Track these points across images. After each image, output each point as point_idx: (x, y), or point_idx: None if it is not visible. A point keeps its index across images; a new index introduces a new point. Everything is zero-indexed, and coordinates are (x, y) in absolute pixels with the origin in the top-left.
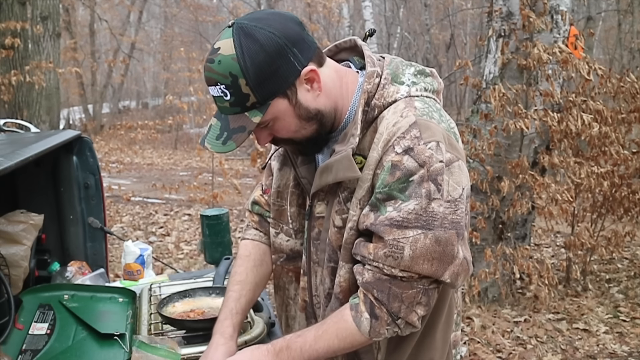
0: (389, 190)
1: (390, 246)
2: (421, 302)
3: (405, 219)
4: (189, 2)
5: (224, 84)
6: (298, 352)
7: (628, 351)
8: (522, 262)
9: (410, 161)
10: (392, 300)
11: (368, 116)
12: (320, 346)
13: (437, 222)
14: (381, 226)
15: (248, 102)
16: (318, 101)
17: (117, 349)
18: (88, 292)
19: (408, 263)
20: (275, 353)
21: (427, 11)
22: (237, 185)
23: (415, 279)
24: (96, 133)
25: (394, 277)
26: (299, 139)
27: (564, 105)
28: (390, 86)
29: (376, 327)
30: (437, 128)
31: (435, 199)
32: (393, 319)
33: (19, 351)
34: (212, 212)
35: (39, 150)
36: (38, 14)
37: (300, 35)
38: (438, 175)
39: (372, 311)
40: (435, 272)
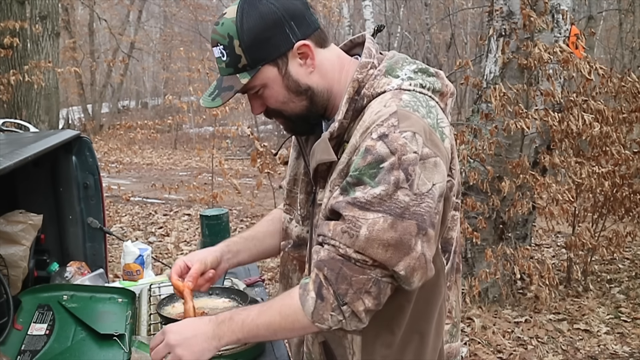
0: (359, 175)
1: (348, 222)
2: (370, 292)
3: (369, 201)
4: (188, 1)
5: (223, 44)
6: (239, 324)
7: (629, 352)
8: (523, 262)
9: (383, 147)
10: (340, 280)
11: (357, 105)
12: (262, 321)
13: (399, 210)
14: (344, 203)
15: (240, 64)
16: (311, 78)
17: (116, 350)
18: (87, 293)
19: (363, 244)
20: (217, 323)
21: (428, 10)
22: (237, 185)
23: (368, 265)
24: (95, 133)
25: (348, 259)
26: (289, 113)
27: (565, 105)
28: (382, 78)
29: (320, 309)
30: (419, 120)
31: (403, 187)
32: (339, 303)
33: (18, 352)
34: (212, 212)
35: (38, 150)
36: (37, 13)
37: (301, 12)
38: (409, 166)
39: (319, 291)
40: (389, 259)
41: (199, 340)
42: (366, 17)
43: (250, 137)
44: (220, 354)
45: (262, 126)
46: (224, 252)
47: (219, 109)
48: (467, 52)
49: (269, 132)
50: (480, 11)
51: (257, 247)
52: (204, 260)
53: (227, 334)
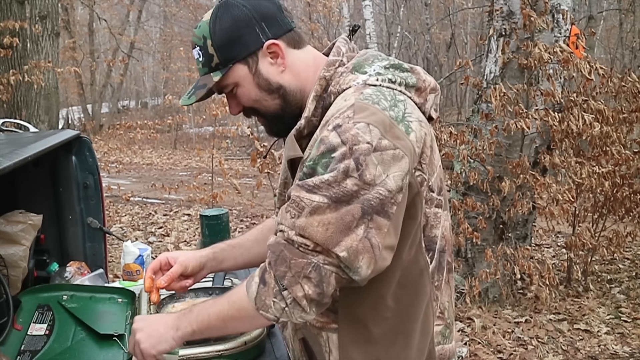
0: (313, 165)
1: (293, 203)
2: (310, 278)
3: (316, 185)
4: (188, 1)
5: (199, 45)
6: (194, 315)
7: (629, 352)
8: (523, 262)
9: (335, 137)
10: (279, 263)
11: (325, 102)
12: (213, 310)
13: (345, 197)
14: (295, 186)
15: (213, 63)
16: (282, 77)
17: (116, 350)
18: (87, 293)
19: (303, 223)
20: (180, 315)
21: (428, 10)
22: (236, 185)
23: (310, 250)
24: (95, 133)
25: (290, 243)
26: (263, 111)
27: (565, 105)
28: (348, 75)
29: (262, 295)
30: (377, 112)
31: (352, 176)
32: (279, 287)
33: (17, 352)
34: (212, 212)
35: (38, 150)
36: (37, 13)
37: (273, 14)
38: (361, 155)
39: (263, 276)
40: (329, 239)
41: (159, 328)
42: (366, 17)
43: (250, 137)
44: (220, 354)
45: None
46: (209, 259)
47: (219, 109)
48: (467, 52)
49: None
50: (480, 11)
51: (243, 255)
52: (186, 264)
53: (183, 325)
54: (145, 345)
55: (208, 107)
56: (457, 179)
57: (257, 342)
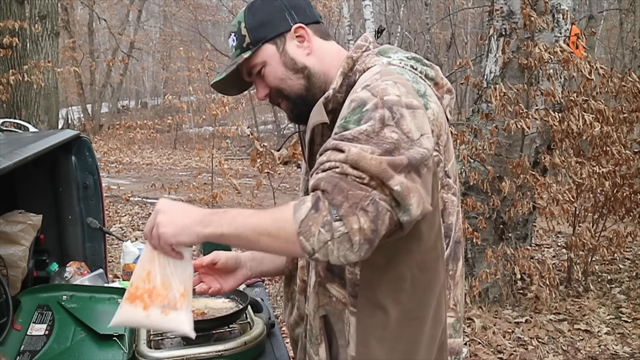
0: (345, 123)
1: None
2: (367, 211)
3: (355, 137)
4: (188, 1)
5: (234, 31)
6: (229, 219)
7: (630, 352)
8: (523, 262)
9: (365, 92)
10: (337, 192)
11: (350, 80)
12: (252, 220)
13: (389, 146)
14: (331, 140)
15: (244, 43)
16: (308, 59)
17: (116, 350)
18: (87, 293)
19: (356, 157)
20: (210, 212)
21: (428, 10)
22: (236, 185)
23: (365, 183)
24: (95, 133)
25: (345, 175)
26: (288, 91)
27: (565, 105)
28: (374, 56)
29: (310, 219)
30: (401, 78)
31: (389, 125)
32: (332, 217)
33: (17, 352)
34: None
35: (38, 150)
36: (36, 12)
37: (302, 5)
38: (394, 105)
39: (316, 202)
40: (384, 172)
41: (185, 217)
42: (366, 17)
43: (250, 137)
44: (220, 354)
45: (262, 126)
46: (248, 258)
47: (219, 109)
48: (467, 52)
49: (269, 132)
50: (480, 11)
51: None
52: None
53: (213, 224)
54: (166, 230)
55: (208, 107)
56: (457, 179)
57: (257, 342)
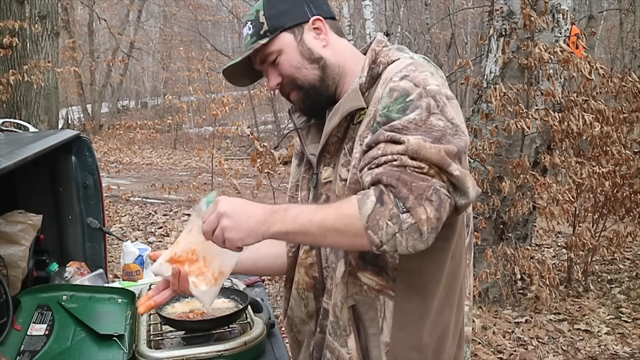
0: (387, 112)
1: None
2: (432, 201)
3: (405, 127)
4: (188, 1)
5: (250, 20)
6: (292, 216)
7: (630, 352)
8: (523, 262)
9: (406, 82)
10: (401, 185)
11: (374, 72)
12: (316, 217)
13: (437, 134)
14: (381, 131)
15: (262, 30)
16: (324, 51)
17: (116, 350)
18: (87, 293)
19: (415, 147)
20: (270, 211)
21: (428, 10)
22: (236, 185)
23: (425, 173)
24: (95, 133)
25: (405, 167)
26: (302, 81)
27: (565, 105)
28: (395, 51)
29: (377, 214)
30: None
31: (435, 113)
32: (399, 209)
33: (17, 352)
34: None
35: (38, 150)
36: (36, 12)
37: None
38: (436, 94)
39: (380, 196)
40: (444, 159)
41: (250, 220)
42: (366, 17)
43: (250, 137)
44: (220, 354)
45: (262, 126)
46: None
47: (219, 109)
48: (467, 52)
49: (269, 132)
50: (480, 11)
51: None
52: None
53: (277, 223)
54: (233, 236)
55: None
56: None
57: (257, 342)
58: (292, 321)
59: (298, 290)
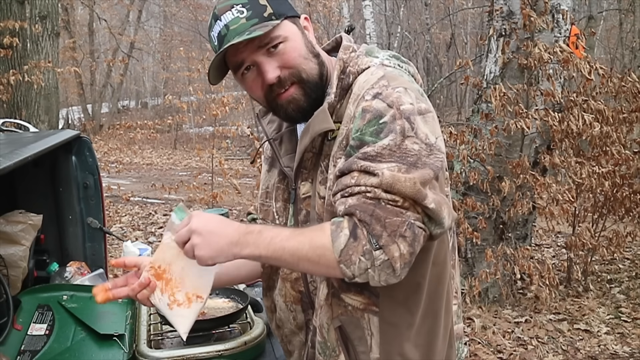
0: (360, 135)
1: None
2: (405, 237)
3: (379, 153)
4: (188, 1)
5: (241, 3)
6: (266, 241)
7: (629, 352)
8: (523, 262)
9: (379, 103)
10: (374, 222)
11: (344, 83)
12: (290, 245)
13: (411, 159)
14: (354, 159)
15: (265, 13)
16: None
17: (116, 350)
18: (87, 293)
19: (389, 180)
20: (244, 232)
21: (428, 10)
22: (236, 185)
23: (399, 206)
24: (95, 133)
25: (378, 200)
26: (307, 73)
27: (565, 105)
28: (364, 57)
29: (351, 249)
30: (406, 81)
31: (410, 136)
32: (372, 246)
33: (17, 352)
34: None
35: (38, 150)
36: (37, 13)
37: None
38: (410, 115)
39: (354, 230)
40: (419, 192)
41: (221, 240)
42: (366, 17)
43: (250, 137)
44: (220, 354)
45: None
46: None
47: (219, 109)
48: (467, 52)
49: None
50: (480, 11)
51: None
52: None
53: (250, 246)
54: (203, 254)
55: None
56: (457, 179)
57: (257, 342)
58: (282, 332)
59: (286, 303)
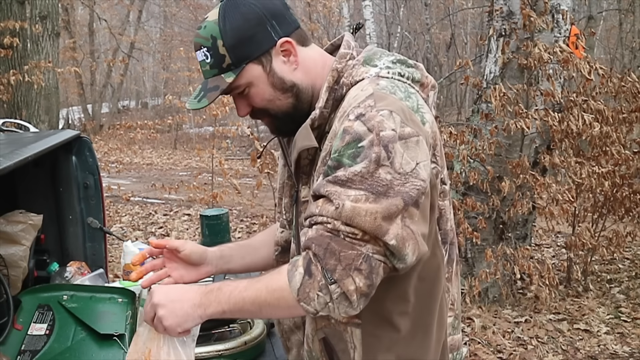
0: (338, 156)
1: (332, 195)
2: (361, 270)
3: (349, 179)
4: (188, 1)
5: (206, 46)
6: (226, 295)
7: (629, 352)
8: (523, 262)
9: (360, 125)
10: (328, 256)
11: (337, 94)
12: (248, 294)
13: (382, 188)
14: (324, 182)
15: (224, 64)
16: (295, 75)
17: (116, 350)
18: (87, 293)
19: (349, 214)
20: (204, 292)
21: (428, 10)
22: (236, 185)
23: (358, 240)
24: (95, 133)
25: (337, 233)
26: (275, 111)
27: (565, 105)
28: (360, 67)
29: (307, 287)
30: (396, 101)
31: (384, 165)
32: (327, 281)
33: (18, 352)
34: (212, 212)
35: (38, 150)
36: (37, 13)
37: (281, 11)
38: (389, 143)
39: (308, 267)
40: (379, 227)
41: (184, 305)
42: (366, 17)
43: (250, 137)
44: (220, 354)
45: (262, 126)
46: (216, 256)
47: (219, 109)
48: (467, 52)
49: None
50: (480, 11)
51: (250, 255)
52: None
53: (213, 304)
54: (170, 323)
55: (208, 107)
56: (457, 179)
57: (257, 342)
58: (282, 327)
59: None
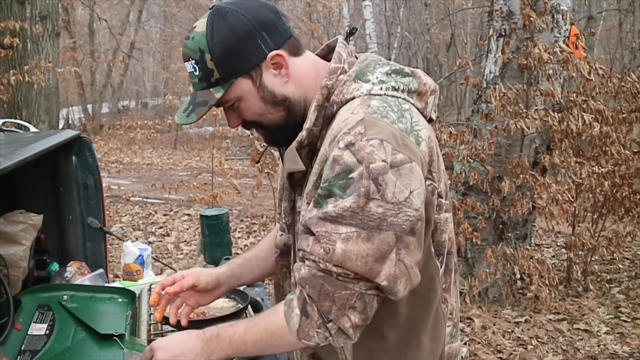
0: (329, 186)
1: (322, 237)
2: (355, 307)
3: (340, 215)
4: (188, 1)
5: (194, 59)
6: (227, 341)
7: (629, 352)
8: (523, 262)
9: (350, 156)
10: (323, 298)
11: (327, 112)
12: (249, 339)
13: (373, 222)
14: (315, 219)
15: (212, 78)
16: (286, 88)
17: (116, 350)
18: (87, 293)
19: (340, 258)
20: (205, 340)
21: (428, 11)
22: (236, 185)
23: (350, 279)
24: (95, 133)
25: (329, 274)
26: (267, 124)
27: (565, 105)
28: (352, 83)
29: (305, 327)
30: (387, 127)
31: (374, 199)
32: (324, 320)
33: (18, 352)
34: (212, 212)
35: (38, 150)
36: (37, 13)
37: (273, 22)
38: (379, 175)
39: (304, 308)
40: (370, 271)
41: (188, 357)
42: (366, 17)
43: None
44: None
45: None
46: (227, 276)
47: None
48: (467, 52)
49: None
50: (480, 11)
51: (260, 267)
52: (199, 276)
53: (216, 351)
54: None
55: None
56: (457, 179)
57: None
58: None
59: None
